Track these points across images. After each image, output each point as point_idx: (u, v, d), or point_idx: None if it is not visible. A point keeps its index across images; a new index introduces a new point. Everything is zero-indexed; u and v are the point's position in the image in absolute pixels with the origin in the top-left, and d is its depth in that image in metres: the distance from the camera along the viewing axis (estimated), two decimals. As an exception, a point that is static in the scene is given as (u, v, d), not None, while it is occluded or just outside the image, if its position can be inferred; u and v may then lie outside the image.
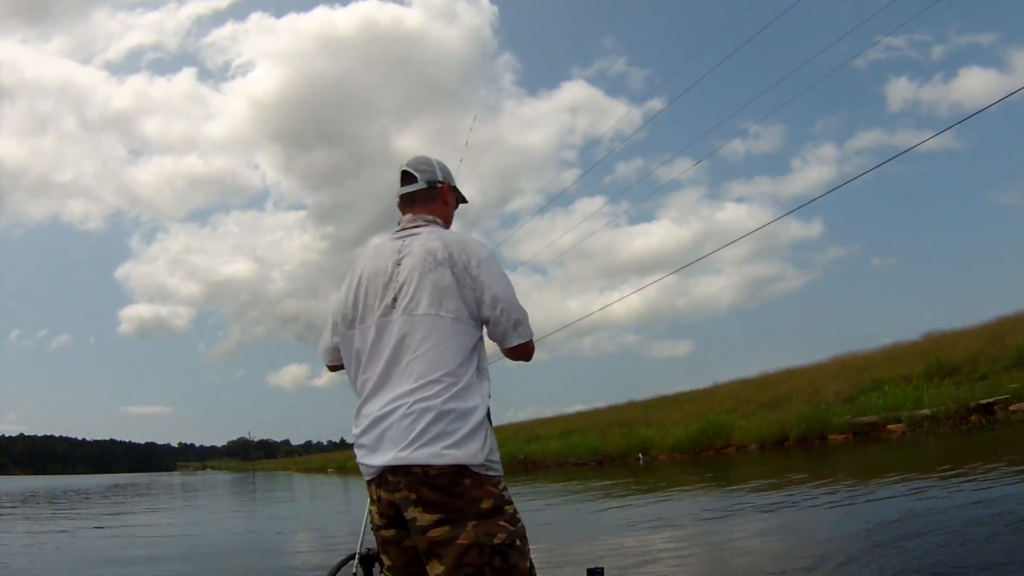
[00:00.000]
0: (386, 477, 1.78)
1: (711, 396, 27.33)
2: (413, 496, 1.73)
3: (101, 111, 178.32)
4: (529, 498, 13.89)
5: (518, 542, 1.77)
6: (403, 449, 1.74)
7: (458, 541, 1.70)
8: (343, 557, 2.67)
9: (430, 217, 2.05)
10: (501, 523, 1.75)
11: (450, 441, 1.73)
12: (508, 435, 37.13)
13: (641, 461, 21.52)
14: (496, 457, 1.82)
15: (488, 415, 1.84)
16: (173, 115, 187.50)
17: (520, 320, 1.92)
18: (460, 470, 1.73)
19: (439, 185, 2.10)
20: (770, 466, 15.09)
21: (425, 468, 1.72)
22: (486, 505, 1.74)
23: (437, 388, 1.76)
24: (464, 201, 2.27)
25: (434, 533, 1.72)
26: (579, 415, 35.51)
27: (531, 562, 1.82)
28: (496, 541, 1.72)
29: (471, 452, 1.74)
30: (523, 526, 1.82)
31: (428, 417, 1.74)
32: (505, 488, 1.81)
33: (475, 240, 1.97)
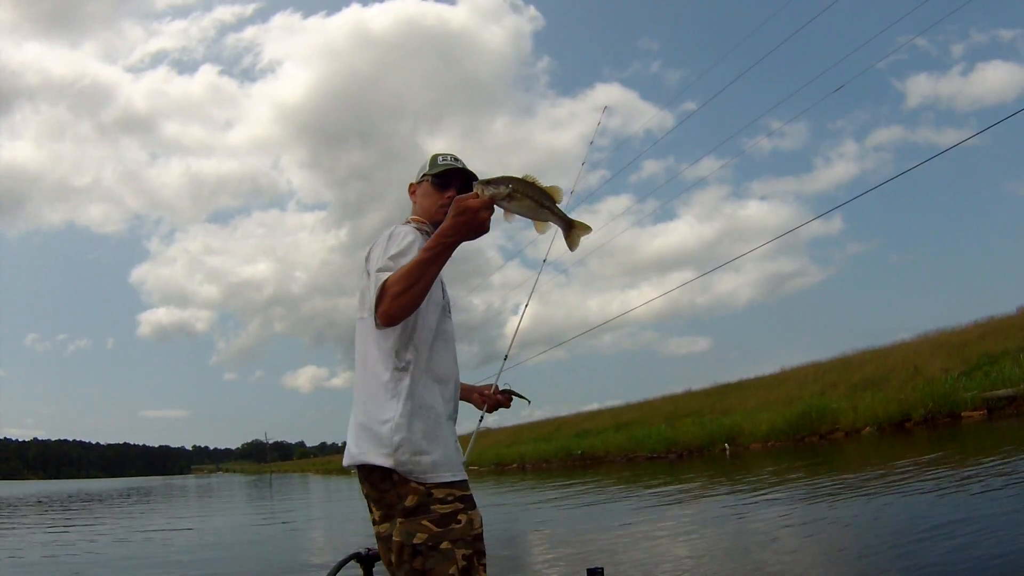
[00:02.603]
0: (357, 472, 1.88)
1: (784, 381, 25.53)
2: (366, 491, 1.85)
3: (122, 114, 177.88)
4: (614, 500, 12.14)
5: (444, 545, 1.71)
6: (351, 448, 1.84)
7: (393, 538, 1.75)
8: (343, 557, 2.52)
9: (406, 218, 2.07)
10: (424, 523, 1.72)
11: (371, 442, 1.77)
12: (545, 432, 35.50)
13: (727, 452, 19.71)
14: (424, 459, 1.76)
15: (427, 411, 1.81)
16: (194, 117, 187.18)
17: (371, 299, 1.78)
18: (387, 468, 1.75)
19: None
20: (900, 451, 13.27)
21: (363, 464, 1.80)
22: (410, 503, 1.74)
23: (369, 392, 1.82)
24: (445, 183, 2.03)
25: (379, 528, 1.83)
26: (629, 407, 33.75)
27: (461, 568, 1.71)
28: (415, 541, 1.71)
29: (382, 453, 1.75)
30: (461, 530, 1.74)
31: (361, 421, 1.82)
32: (439, 488, 1.76)
33: (391, 227, 1.92)
